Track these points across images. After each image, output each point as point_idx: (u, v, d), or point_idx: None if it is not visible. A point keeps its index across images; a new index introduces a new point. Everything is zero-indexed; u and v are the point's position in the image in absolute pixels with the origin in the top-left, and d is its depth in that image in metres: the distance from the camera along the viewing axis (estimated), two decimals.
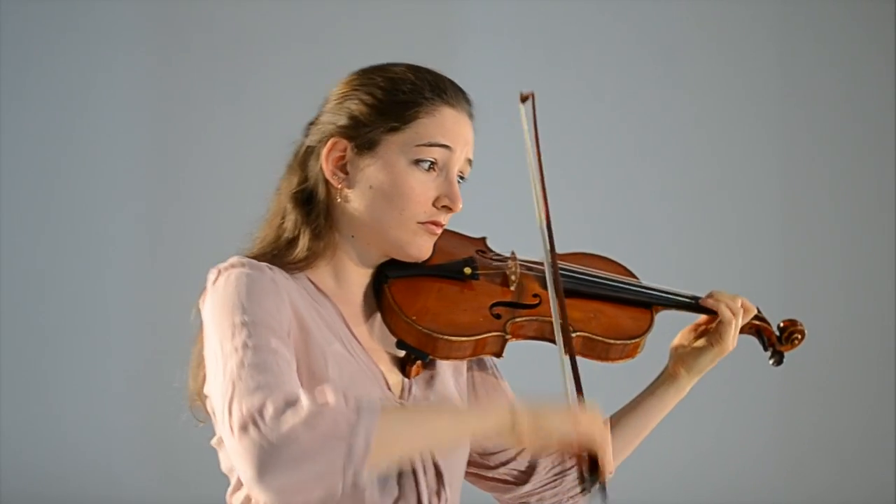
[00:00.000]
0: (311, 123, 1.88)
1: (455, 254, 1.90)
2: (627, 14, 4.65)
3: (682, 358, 2.02)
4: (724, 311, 1.98)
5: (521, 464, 1.99)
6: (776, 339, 2.06)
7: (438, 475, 1.81)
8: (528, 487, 2.00)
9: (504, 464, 1.99)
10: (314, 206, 1.81)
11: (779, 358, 2.07)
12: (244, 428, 1.55)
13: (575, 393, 1.72)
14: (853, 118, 4.72)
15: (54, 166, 4.62)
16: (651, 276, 2.01)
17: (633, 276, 2.03)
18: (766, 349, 2.07)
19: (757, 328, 2.06)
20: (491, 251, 1.95)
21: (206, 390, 1.74)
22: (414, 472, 1.77)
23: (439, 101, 1.81)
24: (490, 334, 1.82)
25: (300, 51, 4.60)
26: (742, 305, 2.00)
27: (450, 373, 1.92)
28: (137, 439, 4.55)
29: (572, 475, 1.99)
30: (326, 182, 1.82)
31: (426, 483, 1.79)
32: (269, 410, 1.55)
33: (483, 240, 1.98)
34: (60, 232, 4.60)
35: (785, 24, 4.73)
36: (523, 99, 1.85)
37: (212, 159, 4.60)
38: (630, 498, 4.55)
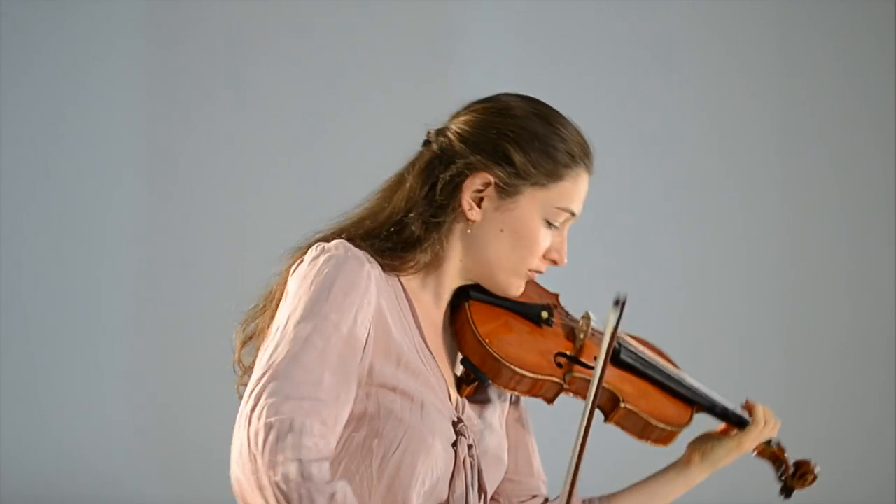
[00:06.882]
0: (445, 129, 1.86)
1: (535, 298, 1.95)
2: (627, 13, 4.66)
3: (698, 445, 2.14)
4: (758, 412, 2.14)
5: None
6: (789, 473, 2.19)
7: (482, 493, 1.84)
8: None
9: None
10: (439, 226, 1.82)
11: (788, 492, 2.20)
12: (250, 427, 1.58)
13: (578, 454, 1.76)
14: (854, 118, 4.72)
15: (53, 166, 4.62)
16: (650, 277, 2.02)
17: (677, 367, 2.12)
18: (778, 479, 2.19)
19: (776, 457, 2.19)
20: (562, 307, 2.01)
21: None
22: (466, 496, 1.80)
23: (582, 167, 1.88)
24: (551, 378, 1.88)
25: (300, 50, 4.60)
26: (771, 420, 2.16)
27: (497, 404, 1.95)
28: (137, 439, 4.55)
29: None
30: (457, 205, 1.83)
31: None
32: (277, 432, 1.57)
33: (556, 295, 2.02)
34: (60, 231, 4.60)
35: (785, 24, 4.73)
36: (616, 303, 1.83)
37: (212, 158, 4.60)
38: None
